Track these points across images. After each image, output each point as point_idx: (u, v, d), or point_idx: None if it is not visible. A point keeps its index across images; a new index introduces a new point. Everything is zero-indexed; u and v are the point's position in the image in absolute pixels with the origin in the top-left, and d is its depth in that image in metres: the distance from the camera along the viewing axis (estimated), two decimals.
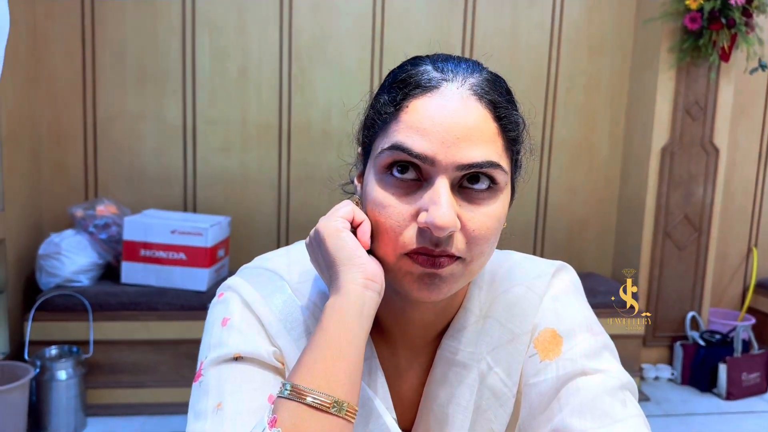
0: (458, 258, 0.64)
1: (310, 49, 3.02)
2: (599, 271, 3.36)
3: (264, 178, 3.07)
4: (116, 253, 2.70)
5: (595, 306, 0.90)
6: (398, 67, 0.68)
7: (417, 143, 0.61)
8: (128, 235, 2.61)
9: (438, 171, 0.61)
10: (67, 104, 2.89)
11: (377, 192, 0.64)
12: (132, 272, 2.63)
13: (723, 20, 2.83)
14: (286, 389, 0.59)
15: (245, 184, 3.06)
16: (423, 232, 0.62)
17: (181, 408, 2.51)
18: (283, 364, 0.70)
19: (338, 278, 0.64)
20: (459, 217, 0.62)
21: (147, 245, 2.61)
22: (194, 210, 3.03)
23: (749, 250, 3.52)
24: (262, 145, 3.05)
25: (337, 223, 0.65)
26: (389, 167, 0.64)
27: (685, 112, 3.05)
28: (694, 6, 2.84)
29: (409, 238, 0.63)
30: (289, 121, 3.05)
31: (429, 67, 0.65)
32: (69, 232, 2.68)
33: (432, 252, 0.62)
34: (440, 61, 0.66)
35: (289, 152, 3.06)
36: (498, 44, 3.14)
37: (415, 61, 0.68)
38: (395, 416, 0.72)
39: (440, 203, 0.60)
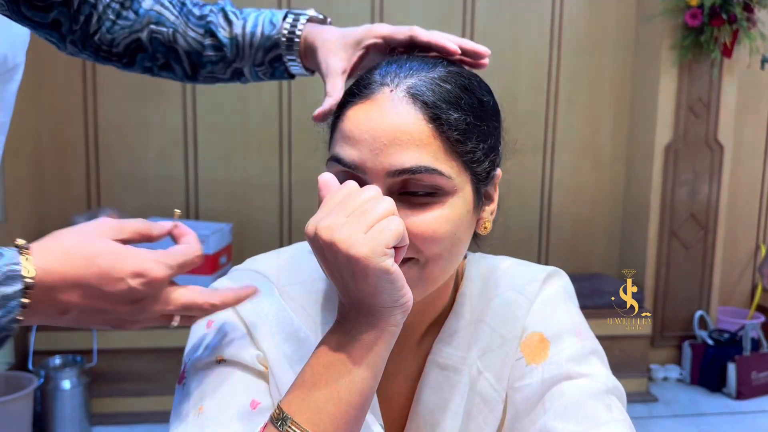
0: (410, 259, 0.62)
1: None
2: (605, 272, 3.33)
3: (266, 185, 3.06)
4: None
5: (601, 306, 0.88)
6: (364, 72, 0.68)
7: (348, 153, 0.62)
8: None
9: (370, 179, 0.61)
10: (69, 114, 2.90)
11: None
12: None
13: (724, 16, 2.80)
14: (285, 424, 0.57)
15: (247, 190, 3.06)
16: None
17: None
18: (266, 368, 0.69)
19: (375, 315, 0.59)
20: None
21: None
22: (197, 217, 3.03)
23: (757, 248, 3.48)
24: (263, 152, 3.04)
25: (385, 261, 0.55)
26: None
27: (689, 110, 3.02)
28: (694, 2, 2.81)
29: None
30: (290, 126, 3.04)
31: (376, 72, 0.65)
32: None
33: None
34: (389, 64, 0.66)
35: (291, 158, 3.06)
36: (498, 45, 3.12)
37: (375, 65, 0.68)
38: (382, 423, 0.70)
39: None
